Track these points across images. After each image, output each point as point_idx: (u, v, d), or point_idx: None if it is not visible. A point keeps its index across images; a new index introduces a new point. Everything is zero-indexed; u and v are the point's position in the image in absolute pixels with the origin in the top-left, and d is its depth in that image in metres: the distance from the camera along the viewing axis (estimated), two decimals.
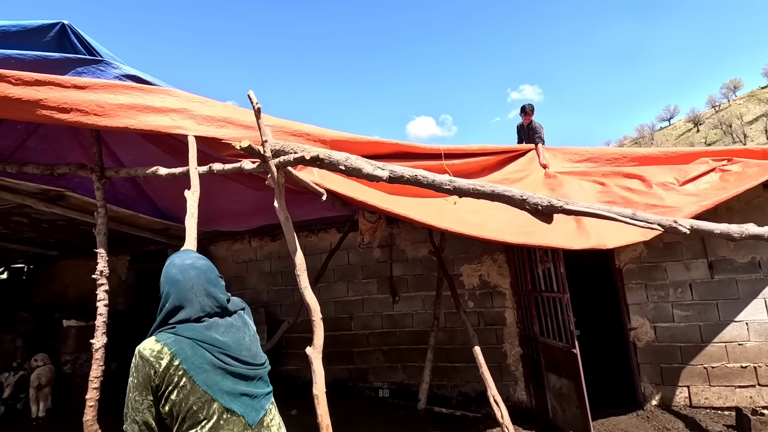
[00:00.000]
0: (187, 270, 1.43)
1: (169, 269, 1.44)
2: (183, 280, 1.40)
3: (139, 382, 1.27)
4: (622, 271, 4.84)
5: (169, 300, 1.38)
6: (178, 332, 1.33)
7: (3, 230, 5.66)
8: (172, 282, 1.40)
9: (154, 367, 1.27)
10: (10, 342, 6.24)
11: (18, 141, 3.67)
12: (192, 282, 1.40)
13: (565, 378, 4.06)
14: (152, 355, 1.28)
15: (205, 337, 1.33)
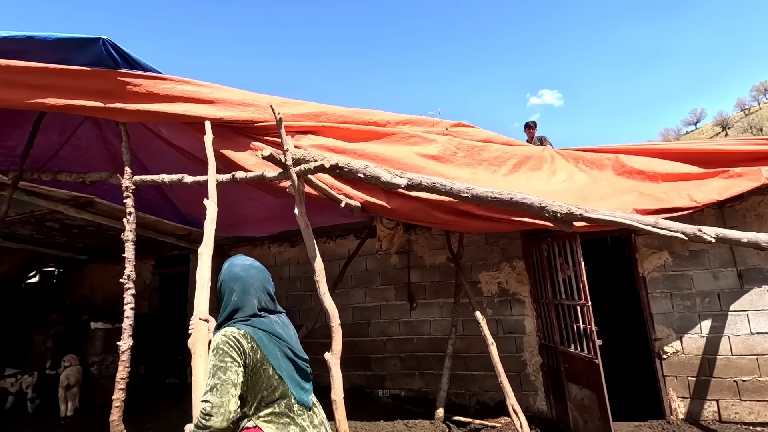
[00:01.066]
0: (248, 269, 1.63)
1: (232, 269, 1.63)
2: (246, 276, 1.59)
3: (231, 359, 1.39)
4: (645, 279, 4.72)
5: (235, 293, 1.55)
6: (253, 324, 1.50)
7: (36, 235, 5.91)
8: (237, 278, 1.58)
9: (243, 347, 1.42)
10: (41, 343, 6.47)
11: (52, 151, 3.85)
12: (253, 279, 1.60)
13: (587, 389, 3.98)
14: (239, 337, 1.43)
15: (273, 330, 1.52)
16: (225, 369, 1.37)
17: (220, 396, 1.33)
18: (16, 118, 3.45)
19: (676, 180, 3.78)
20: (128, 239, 2.95)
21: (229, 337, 1.43)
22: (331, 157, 2.31)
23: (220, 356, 1.39)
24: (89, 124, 3.95)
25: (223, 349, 1.41)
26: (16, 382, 5.55)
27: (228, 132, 3.00)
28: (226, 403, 1.33)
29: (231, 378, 1.36)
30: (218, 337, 1.45)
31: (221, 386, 1.34)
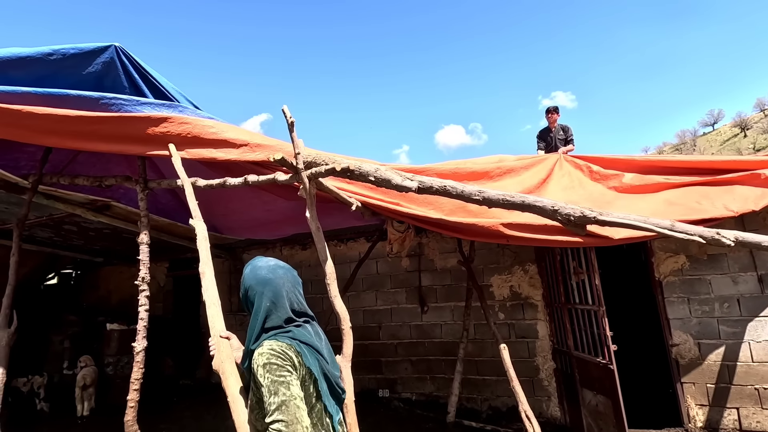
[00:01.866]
0: (275, 269, 1.47)
1: (257, 271, 1.46)
2: (274, 278, 1.44)
3: (288, 372, 1.26)
4: (662, 283, 4.63)
5: (265, 298, 1.40)
6: (294, 336, 1.36)
7: (55, 238, 6.04)
8: (265, 282, 1.43)
9: (293, 360, 1.30)
10: (59, 343, 6.61)
11: (70, 155, 3.94)
12: (282, 280, 1.45)
13: (601, 395, 3.90)
14: (286, 350, 1.31)
15: (312, 343, 1.38)
16: (287, 384, 1.24)
17: (291, 413, 1.20)
18: None
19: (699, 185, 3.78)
20: (143, 242, 3.00)
21: (275, 351, 1.29)
22: (342, 161, 2.33)
23: (276, 372, 1.26)
24: None
25: (276, 363, 1.27)
26: (27, 382, 5.67)
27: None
28: (300, 418, 1.21)
29: (296, 393, 1.24)
30: (265, 353, 1.30)
31: (289, 402, 1.21)
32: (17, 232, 3.51)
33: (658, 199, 3.89)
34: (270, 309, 1.39)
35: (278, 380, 1.24)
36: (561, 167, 4.54)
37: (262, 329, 1.38)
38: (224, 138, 2.87)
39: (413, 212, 3.25)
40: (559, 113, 6.23)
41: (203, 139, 2.90)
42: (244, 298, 1.48)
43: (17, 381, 5.57)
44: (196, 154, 2.89)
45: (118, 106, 2.86)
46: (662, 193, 3.99)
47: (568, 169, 4.56)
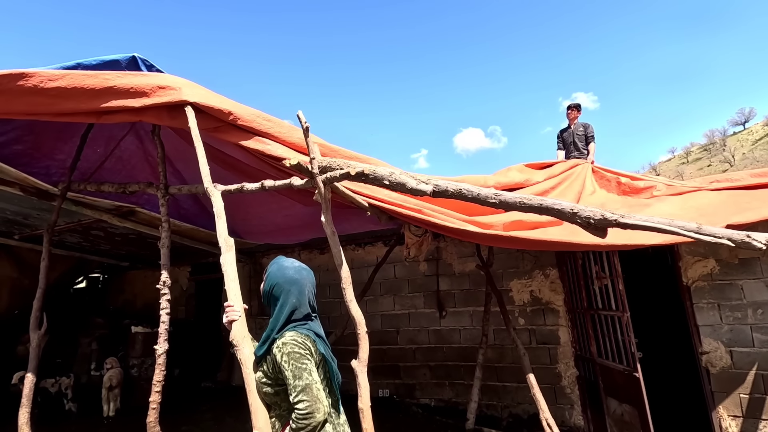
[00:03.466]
0: (300, 271, 1.71)
1: (285, 272, 1.68)
2: (301, 279, 1.68)
3: (307, 359, 1.50)
4: (690, 289, 4.45)
5: (292, 296, 1.63)
6: (311, 328, 1.62)
7: (83, 243, 6.26)
8: (293, 281, 1.66)
9: (311, 349, 1.55)
10: (87, 345, 6.83)
11: (97, 163, 4.08)
12: (306, 281, 1.70)
13: (627, 404, 3.78)
14: (305, 340, 1.55)
15: (321, 334, 1.65)
16: (309, 370, 1.48)
17: (314, 395, 1.43)
18: (65, 133, 3.68)
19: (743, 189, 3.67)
20: (164, 246, 3.07)
21: (297, 341, 1.53)
22: (356, 165, 2.33)
23: (299, 359, 1.49)
24: (131, 137, 4.16)
25: (298, 353, 1.50)
26: (55, 383, 5.86)
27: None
28: (321, 399, 1.45)
29: (315, 378, 1.48)
30: (289, 343, 1.52)
31: (311, 385, 1.45)
32: (47, 237, 3.64)
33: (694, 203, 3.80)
34: (295, 305, 1.62)
35: (301, 367, 1.47)
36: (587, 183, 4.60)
37: (286, 321, 1.60)
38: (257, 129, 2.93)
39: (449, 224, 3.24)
40: (580, 111, 6.12)
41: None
42: (269, 294, 1.68)
43: (45, 382, 5.75)
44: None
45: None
46: (699, 194, 3.89)
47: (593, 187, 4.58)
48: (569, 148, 5.95)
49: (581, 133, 5.91)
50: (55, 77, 2.56)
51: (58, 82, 2.56)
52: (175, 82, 2.81)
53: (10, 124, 3.44)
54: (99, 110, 2.72)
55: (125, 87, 2.68)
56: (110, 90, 2.67)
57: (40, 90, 2.54)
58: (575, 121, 6.05)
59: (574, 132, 5.97)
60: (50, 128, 3.63)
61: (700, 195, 4.02)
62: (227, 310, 1.91)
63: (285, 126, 3.02)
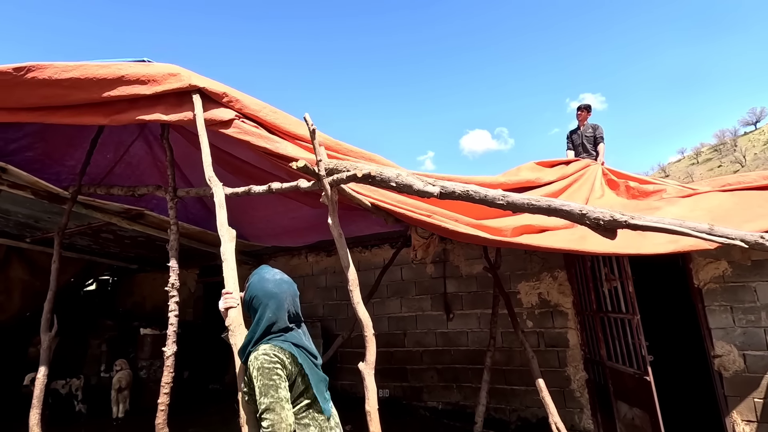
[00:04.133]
0: (280, 284, 1.71)
1: (265, 284, 1.69)
2: (279, 293, 1.68)
3: (278, 376, 1.51)
4: (701, 291, 4.39)
5: (269, 310, 1.63)
6: (287, 339, 1.62)
7: (93, 245, 6.33)
8: (271, 295, 1.66)
9: (284, 362, 1.55)
10: (97, 347, 6.89)
11: (107, 169, 4.13)
12: (285, 294, 1.69)
13: (637, 407, 3.73)
14: (278, 353, 1.56)
15: (303, 344, 1.65)
16: (276, 387, 1.49)
17: (278, 413, 1.45)
18: (75, 140, 3.74)
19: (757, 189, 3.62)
20: (172, 249, 3.09)
21: (269, 355, 1.54)
22: (363, 167, 2.33)
23: (268, 375, 1.49)
24: (140, 142, 4.21)
25: (268, 368, 1.51)
26: (65, 384, 5.91)
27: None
28: (285, 418, 1.46)
29: (282, 395, 1.48)
30: (260, 357, 1.54)
31: (277, 404, 1.46)
32: (58, 240, 3.68)
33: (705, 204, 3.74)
34: (272, 320, 1.62)
35: (268, 384, 1.48)
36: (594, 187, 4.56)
37: (262, 335, 1.61)
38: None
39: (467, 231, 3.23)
40: (590, 112, 6.10)
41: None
42: (248, 304, 1.71)
43: (56, 383, 5.81)
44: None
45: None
46: (710, 196, 3.84)
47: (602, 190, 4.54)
48: (578, 150, 5.92)
49: (590, 135, 5.88)
50: (69, 68, 2.62)
51: (72, 73, 2.62)
52: (185, 71, 2.87)
53: (21, 131, 3.50)
54: (111, 99, 2.74)
55: (137, 75, 2.74)
56: (122, 79, 2.72)
57: (54, 81, 2.60)
58: (585, 123, 6.02)
59: (583, 133, 5.93)
60: (60, 135, 3.68)
61: (712, 196, 3.97)
62: (225, 296, 1.95)
63: (291, 119, 3.03)
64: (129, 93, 2.73)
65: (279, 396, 1.47)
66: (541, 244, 3.27)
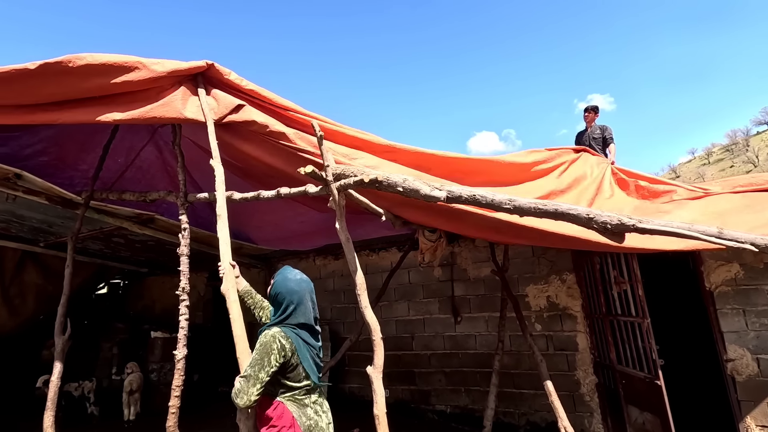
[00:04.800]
0: (300, 283, 1.99)
1: (288, 283, 1.97)
2: (300, 290, 1.95)
3: (270, 353, 1.78)
4: (713, 294, 4.33)
5: (293, 305, 1.91)
6: (296, 332, 1.90)
7: (105, 250, 6.42)
8: (293, 292, 1.94)
9: (286, 348, 1.82)
10: (109, 350, 6.97)
11: (118, 173, 4.20)
12: (305, 292, 1.97)
13: (648, 412, 3.69)
14: (283, 339, 1.83)
15: (309, 340, 1.93)
16: (262, 366, 1.75)
17: (249, 385, 1.73)
18: (88, 144, 3.80)
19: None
20: (183, 253, 3.13)
21: (276, 338, 1.81)
22: (370, 172, 2.35)
23: (263, 352, 1.78)
24: (151, 147, 4.27)
25: (267, 348, 1.78)
26: (78, 387, 5.98)
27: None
28: (251, 392, 1.73)
29: (260, 376, 1.75)
30: (268, 335, 1.83)
31: (252, 377, 1.74)
32: (71, 244, 3.75)
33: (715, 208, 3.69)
34: (290, 312, 1.91)
35: (258, 359, 1.76)
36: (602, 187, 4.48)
37: (278, 321, 1.91)
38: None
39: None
40: (597, 113, 6.04)
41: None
42: (273, 299, 1.99)
43: (69, 385, 5.89)
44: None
45: None
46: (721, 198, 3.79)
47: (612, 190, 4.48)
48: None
49: (598, 136, 5.82)
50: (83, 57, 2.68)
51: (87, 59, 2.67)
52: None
53: (36, 137, 3.57)
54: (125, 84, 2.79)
55: (151, 61, 2.82)
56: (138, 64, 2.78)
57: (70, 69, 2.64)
58: (592, 124, 5.96)
59: (591, 135, 5.88)
60: (74, 140, 3.75)
61: (722, 199, 3.92)
62: (219, 268, 2.51)
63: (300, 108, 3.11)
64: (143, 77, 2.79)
65: (259, 375, 1.74)
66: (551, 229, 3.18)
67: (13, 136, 3.50)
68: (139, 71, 2.76)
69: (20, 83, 2.63)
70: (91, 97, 2.86)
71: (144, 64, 2.77)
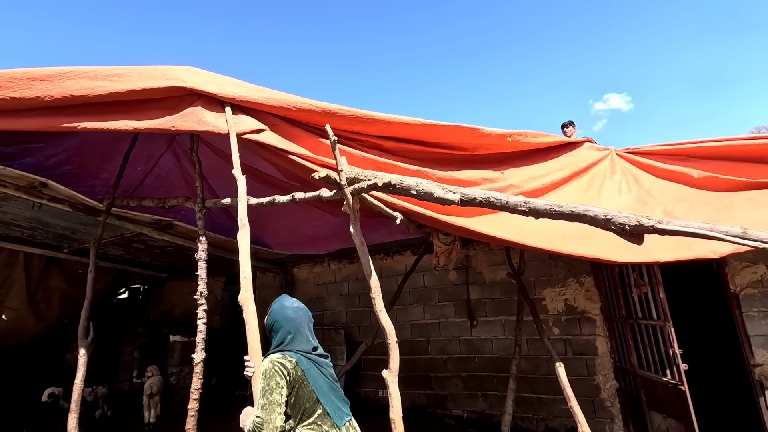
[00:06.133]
0: (297, 311, 1.95)
1: (284, 311, 1.94)
2: (296, 318, 1.91)
3: (275, 382, 1.69)
4: (738, 296, 4.20)
5: (285, 331, 1.86)
6: (297, 353, 1.81)
7: (125, 255, 6.58)
8: (289, 320, 1.89)
9: (287, 368, 1.73)
10: (129, 353, 7.13)
11: (138, 180, 4.31)
12: (301, 320, 1.92)
13: (672, 418, 3.59)
14: (282, 360, 1.75)
15: (315, 358, 1.84)
16: (271, 391, 1.67)
17: (268, 414, 1.64)
18: (109, 152, 3.92)
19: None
20: (200, 258, 3.19)
21: (274, 362, 1.73)
22: (383, 176, 2.36)
23: (267, 380, 1.69)
24: (169, 155, 4.38)
25: (269, 373, 1.71)
26: (92, 392, 6.07)
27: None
28: (274, 419, 1.64)
29: (276, 399, 1.66)
30: (266, 363, 1.75)
31: (269, 406, 1.65)
32: (94, 250, 3.85)
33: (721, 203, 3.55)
34: (286, 339, 1.84)
35: (266, 387, 1.68)
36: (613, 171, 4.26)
37: (275, 347, 1.84)
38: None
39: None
40: (575, 126, 6.00)
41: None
42: (270, 328, 1.94)
43: (84, 390, 5.95)
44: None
45: None
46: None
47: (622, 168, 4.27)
48: None
49: None
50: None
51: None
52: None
53: (61, 147, 3.70)
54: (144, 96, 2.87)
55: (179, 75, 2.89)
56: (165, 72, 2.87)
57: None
58: (573, 136, 5.88)
59: None
60: (96, 149, 3.87)
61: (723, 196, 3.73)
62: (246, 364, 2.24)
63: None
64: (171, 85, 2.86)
65: (272, 399, 1.66)
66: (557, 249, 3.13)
67: (39, 147, 3.63)
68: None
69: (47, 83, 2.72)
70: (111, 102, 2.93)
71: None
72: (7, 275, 5.88)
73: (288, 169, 3.32)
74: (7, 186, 3.57)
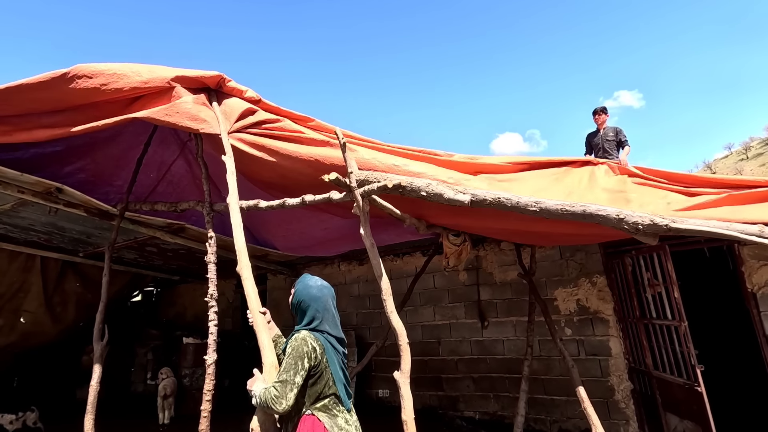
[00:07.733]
0: (321, 289, 2.01)
1: (309, 290, 1.99)
2: (321, 296, 1.97)
3: (303, 356, 1.76)
4: (756, 296, 4.12)
5: (314, 310, 1.93)
6: (325, 336, 1.90)
7: (139, 258, 6.67)
8: (315, 298, 1.96)
9: (317, 352, 1.81)
10: (143, 356, 7.23)
11: (151, 187, 4.38)
12: (327, 298, 1.99)
13: (688, 420, 3.53)
14: (314, 343, 1.83)
15: (336, 346, 1.92)
16: (295, 371, 1.74)
17: (285, 391, 1.71)
18: (122, 160, 4.00)
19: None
20: (210, 261, 3.22)
21: (308, 342, 1.81)
22: (393, 178, 2.37)
23: (296, 358, 1.76)
24: (181, 161, 4.44)
25: (300, 352, 1.77)
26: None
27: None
28: (289, 397, 1.71)
29: (297, 381, 1.73)
30: (299, 339, 1.82)
31: (289, 384, 1.72)
32: (108, 254, 3.92)
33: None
34: (314, 317, 1.92)
35: (292, 364, 1.75)
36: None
37: (306, 325, 1.92)
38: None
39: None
40: (607, 114, 5.82)
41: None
42: (296, 306, 2.00)
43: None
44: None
45: None
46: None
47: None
48: (598, 154, 5.65)
49: (611, 139, 5.59)
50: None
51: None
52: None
53: (75, 156, 3.78)
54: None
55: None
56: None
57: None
58: (604, 125, 5.74)
59: (604, 137, 5.65)
60: (109, 157, 3.95)
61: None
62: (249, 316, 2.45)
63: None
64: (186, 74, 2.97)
65: (294, 380, 1.72)
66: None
67: (55, 158, 3.72)
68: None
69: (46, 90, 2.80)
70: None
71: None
72: (24, 279, 6.00)
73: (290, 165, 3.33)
74: (24, 192, 3.66)
